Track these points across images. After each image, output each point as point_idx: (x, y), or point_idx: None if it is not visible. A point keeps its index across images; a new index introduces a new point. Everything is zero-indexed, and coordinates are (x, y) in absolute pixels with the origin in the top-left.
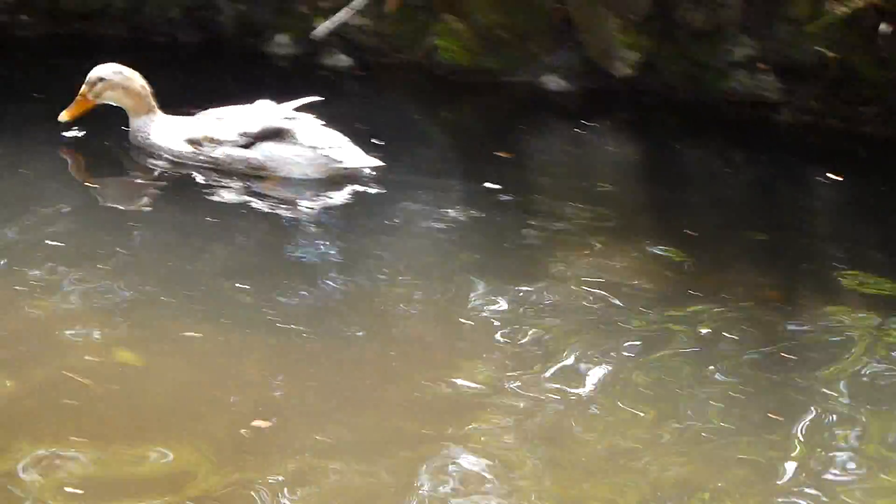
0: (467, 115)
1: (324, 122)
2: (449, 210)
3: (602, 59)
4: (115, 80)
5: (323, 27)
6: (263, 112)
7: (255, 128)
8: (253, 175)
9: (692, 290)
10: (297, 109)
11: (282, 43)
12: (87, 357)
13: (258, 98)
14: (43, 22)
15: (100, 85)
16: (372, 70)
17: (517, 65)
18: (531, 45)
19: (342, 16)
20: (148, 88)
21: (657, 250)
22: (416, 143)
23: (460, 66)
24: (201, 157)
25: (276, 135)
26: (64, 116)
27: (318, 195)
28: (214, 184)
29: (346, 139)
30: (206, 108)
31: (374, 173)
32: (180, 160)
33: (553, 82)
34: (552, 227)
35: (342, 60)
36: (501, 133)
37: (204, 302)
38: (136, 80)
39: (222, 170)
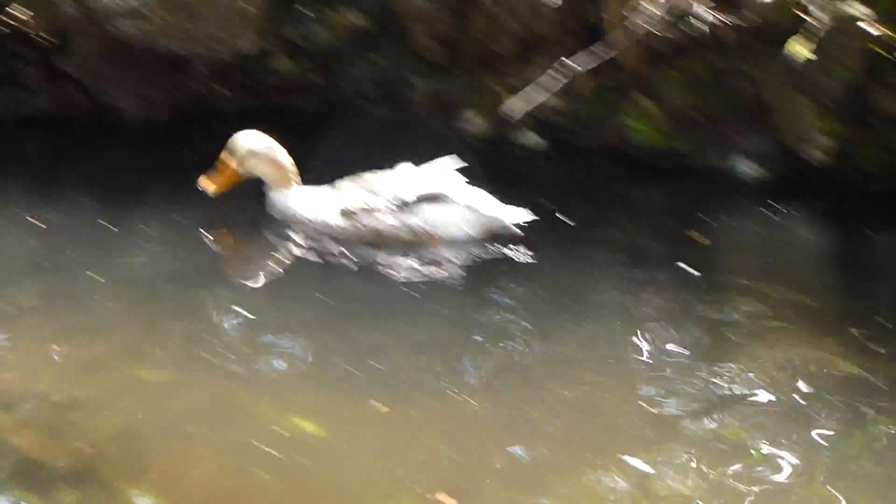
0: (658, 196)
1: (469, 181)
2: (639, 288)
3: (796, 144)
4: (265, 153)
5: (513, 104)
6: (411, 177)
7: (411, 193)
8: (412, 241)
9: (886, 381)
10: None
11: (472, 120)
12: (273, 427)
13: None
14: (240, 95)
15: (250, 157)
16: (562, 149)
17: (709, 148)
18: (724, 129)
19: (533, 94)
20: (291, 161)
21: (850, 337)
22: (606, 222)
23: (652, 148)
24: (359, 228)
25: (433, 198)
26: (210, 188)
27: (482, 257)
28: (373, 253)
29: (492, 197)
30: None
31: (555, 250)
32: (331, 232)
33: (745, 166)
34: (744, 310)
35: (532, 139)
36: (693, 215)
37: (387, 373)
38: (282, 152)
39: (381, 239)
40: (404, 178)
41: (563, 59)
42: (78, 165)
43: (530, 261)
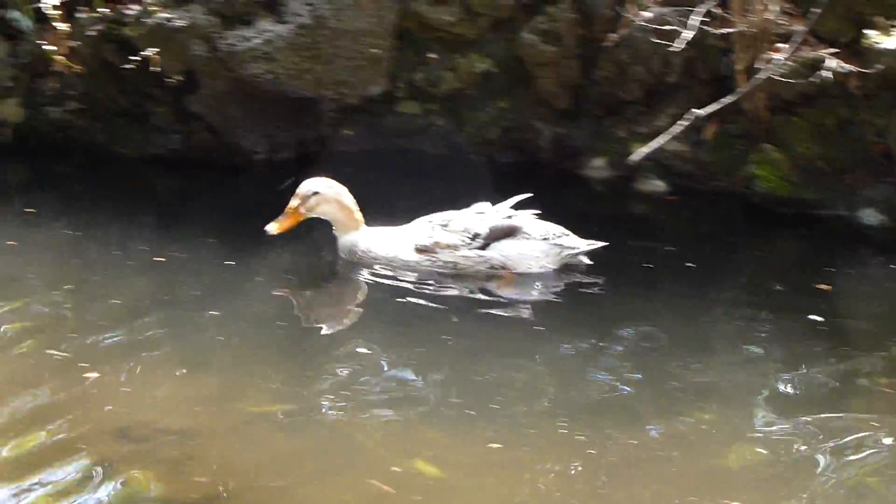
0: (782, 243)
1: (538, 215)
2: (761, 334)
3: None
4: (329, 194)
5: (640, 153)
6: (486, 213)
7: (486, 229)
8: (489, 275)
9: None
10: (515, 207)
11: (597, 166)
12: (393, 467)
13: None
14: (364, 137)
15: (314, 199)
16: (686, 196)
17: (835, 197)
18: (849, 178)
19: (660, 141)
20: (356, 204)
21: None
22: (728, 268)
23: (777, 196)
24: (437, 264)
25: (508, 233)
26: (274, 229)
27: (599, 296)
28: (457, 289)
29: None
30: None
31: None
32: (405, 267)
33: (871, 216)
34: (869, 360)
35: (657, 186)
36: (819, 265)
37: (502, 411)
38: (347, 194)
39: (458, 272)
40: (479, 216)
41: (691, 107)
42: (203, 203)
43: (649, 302)
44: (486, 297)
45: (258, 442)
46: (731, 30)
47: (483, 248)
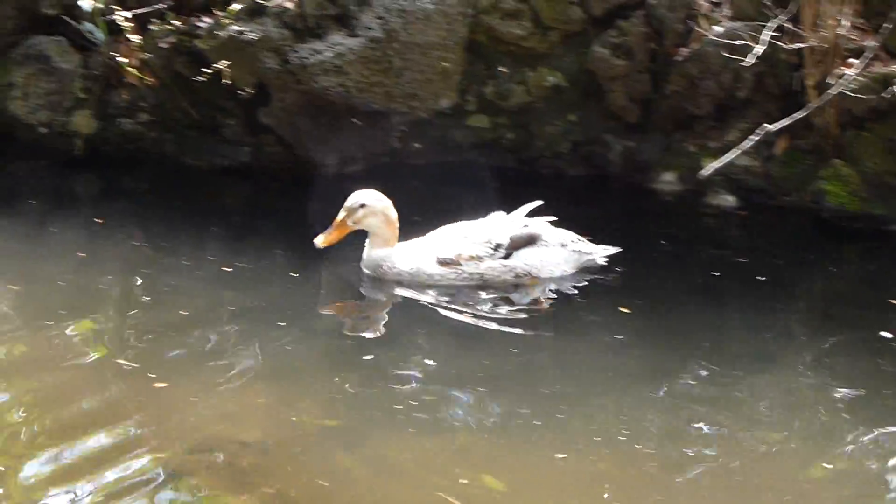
0: (852, 258)
1: (552, 221)
2: (830, 350)
3: None
4: (377, 206)
5: (710, 168)
6: (504, 223)
7: (507, 238)
8: (513, 283)
9: None
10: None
11: (667, 180)
12: (461, 480)
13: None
14: (433, 150)
15: (361, 211)
16: (756, 210)
17: None
18: None
19: (731, 158)
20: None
21: None
22: (799, 285)
23: (847, 212)
24: (462, 276)
25: (528, 241)
26: (321, 242)
27: (665, 305)
28: (489, 299)
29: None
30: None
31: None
32: (429, 281)
33: None
34: None
35: (727, 200)
36: (890, 281)
37: (568, 426)
38: (392, 208)
39: (484, 282)
40: (497, 224)
41: (761, 122)
42: (271, 215)
43: (716, 313)
44: (533, 309)
45: (325, 454)
46: (802, 45)
47: (506, 257)
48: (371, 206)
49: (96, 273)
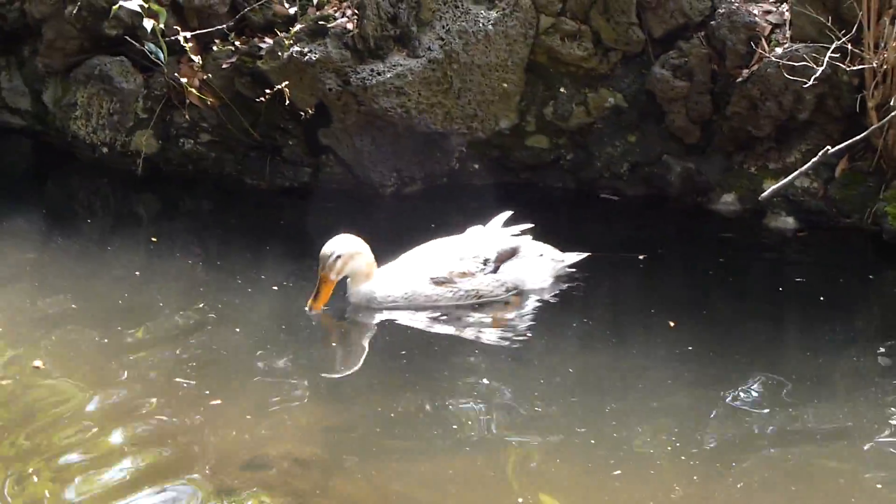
0: None
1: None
2: (887, 375)
3: None
4: (351, 251)
5: (771, 190)
6: (488, 237)
7: (494, 252)
8: (504, 299)
9: None
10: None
11: (727, 202)
12: (518, 499)
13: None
14: (492, 171)
15: (339, 262)
16: (816, 232)
17: None
18: None
19: (790, 178)
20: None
21: None
22: (859, 306)
23: None
24: (458, 294)
25: (511, 254)
26: (314, 308)
27: (722, 324)
28: (481, 317)
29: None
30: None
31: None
32: (426, 303)
33: None
34: None
35: (787, 222)
36: None
37: (625, 441)
38: (363, 244)
39: (479, 298)
40: (480, 239)
41: (822, 144)
42: (329, 234)
43: (773, 332)
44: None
45: (381, 473)
46: (863, 66)
47: (494, 271)
48: (345, 253)
49: (151, 291)
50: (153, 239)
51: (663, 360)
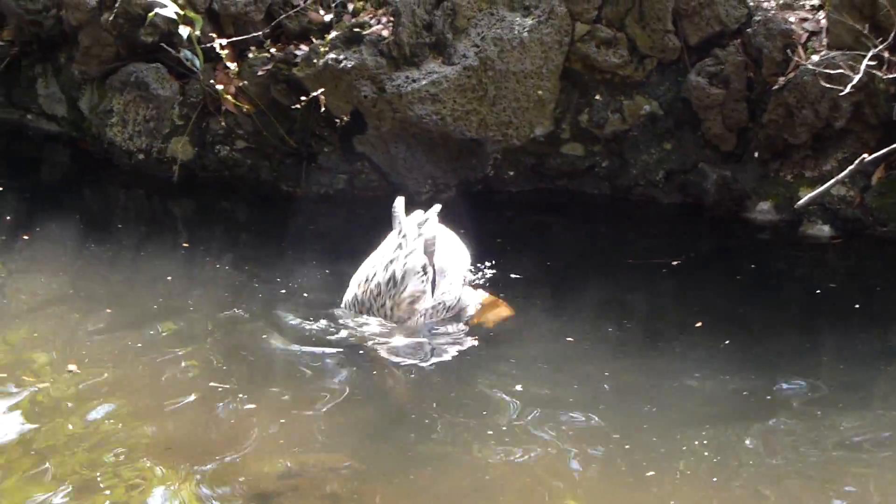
0: None
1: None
2: None
3: None
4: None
5: (807, 198)
6: (408, 243)
7: (423, 258)
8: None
9: None
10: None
11: (763, 209)
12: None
13: None
14: (527, 178)
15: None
16: (852, 240)
17: None
18: None
19: (826, 186)
20: None
21: None
22: (894, 317)
23: None
24: (451, 307)
25: (430, 248)
26: None
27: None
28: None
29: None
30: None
31: None
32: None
33: None
34: None
35: (822, 230)
36: None
37: (657, 448)
38: None
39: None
40: (401, 251)
41: (858, 152)
42: (363, 241)
43: (808, 339)
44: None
45: (419, 480)
46: None
47: (433, 278)
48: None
49: (184, 296)
50: (185, 244)
51: (698, 366)
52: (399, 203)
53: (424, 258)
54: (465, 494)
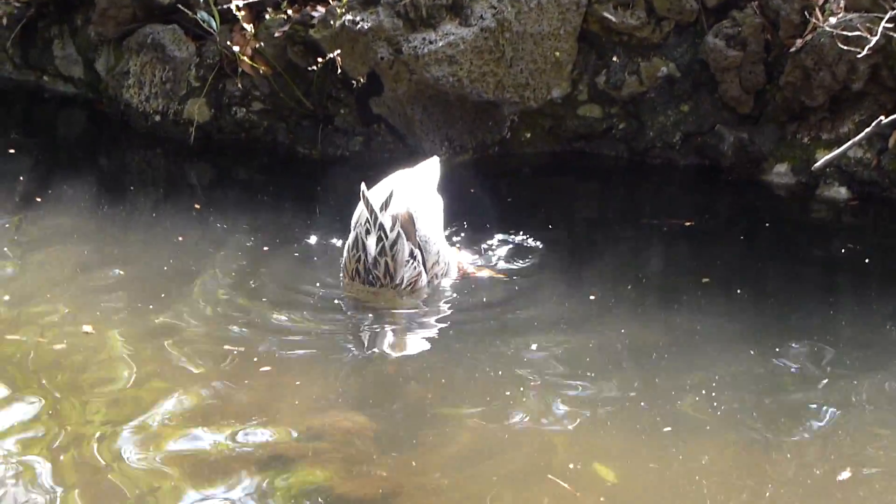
0: None
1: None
2: None
3: None
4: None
5: (824, 160)
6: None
7: (390, 220)
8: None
9: None
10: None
11: (780, 172)
12: (570, 464)
13: None
14: (544, 140)
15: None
16: (868, 203)
17: None
18: None
19: (843, 148)
20: None
21: None
22: None
23: None
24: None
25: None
26: None
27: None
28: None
29: None
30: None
31: None
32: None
33: None
34: None
35: (839, 192)
36: None
37: (679, 408)
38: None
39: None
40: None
41: (875, 114)
42: None
43: (824, 299)
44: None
45: (436, 440)
46: None
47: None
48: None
49: (198, 258)
50: (198, 206)
51: (715, 325)
52: (363, 188)
53: (408, 245)
54: (482, 455)
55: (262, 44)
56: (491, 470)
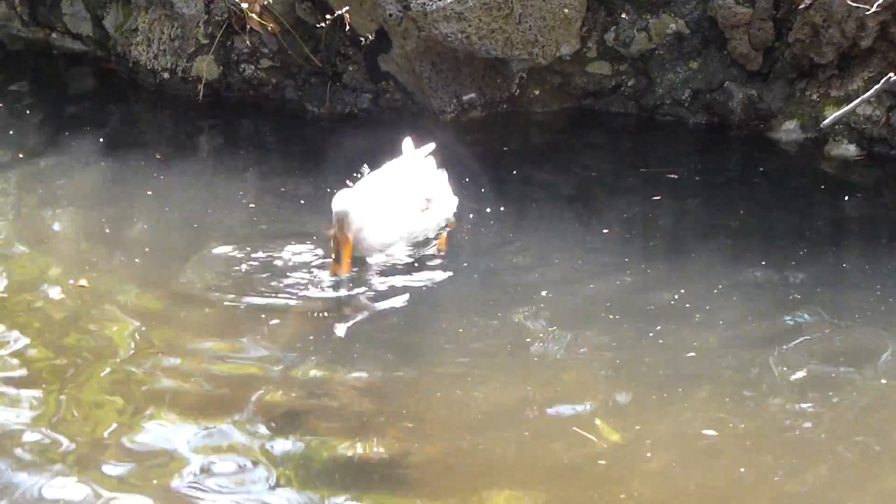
0: None
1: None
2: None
3: None
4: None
5: (832, 118)
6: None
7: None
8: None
9: None
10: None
11: (789, 129)
12: (574, 428)
13: None
14: (553, 97)
15: (351, 219)
16: (877, 161)
17: None
18: None
19: (852, 105)
20: None
21: None
22: None
23: None
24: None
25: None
26: (343, 271)
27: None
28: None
29: None
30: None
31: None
32: (425, 234)
33: None
34: None
35: (848, 150)
36: None
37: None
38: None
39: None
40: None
41: (885, 72)
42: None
43: (834, 256)
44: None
45: (444, 398)
46: None
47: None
48: (354, 210)
49: (205, 215)
50: (208, 163)
51: (721, 281)
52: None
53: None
54: (489, 412)
55: (271, 0)
56: (500, 428)
